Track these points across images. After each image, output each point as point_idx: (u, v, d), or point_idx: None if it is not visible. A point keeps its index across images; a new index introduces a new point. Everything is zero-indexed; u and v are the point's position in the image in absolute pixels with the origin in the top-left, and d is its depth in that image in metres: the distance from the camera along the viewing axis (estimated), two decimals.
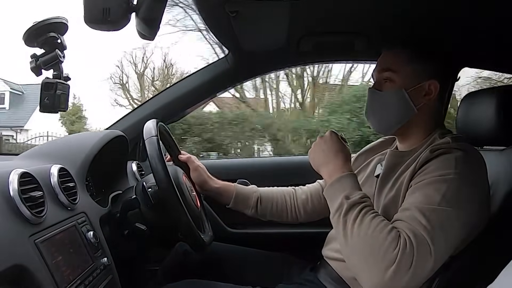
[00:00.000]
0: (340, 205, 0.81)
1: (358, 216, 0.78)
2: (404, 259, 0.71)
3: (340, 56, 1.48)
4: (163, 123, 1.05)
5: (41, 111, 0.89)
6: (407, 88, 0.91)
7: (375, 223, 0.77)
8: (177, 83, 1.48)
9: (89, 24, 0.68)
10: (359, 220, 0.78)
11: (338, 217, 0.81)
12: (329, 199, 0.86)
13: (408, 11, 1.02)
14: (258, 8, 0.99)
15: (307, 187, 1.19)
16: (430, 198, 0.77)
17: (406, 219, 0.76)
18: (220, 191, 1.14)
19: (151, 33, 0.73)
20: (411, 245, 0.72)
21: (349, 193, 0.83)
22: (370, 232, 0.76)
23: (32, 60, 0.85)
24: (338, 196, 0.83)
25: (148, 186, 0.96)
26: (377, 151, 1.07)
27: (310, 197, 1.15)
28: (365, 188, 1.01)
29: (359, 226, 0.77)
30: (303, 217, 1.17)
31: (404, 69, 0.92)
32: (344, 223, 0.79)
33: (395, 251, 0.72)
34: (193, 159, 1.16)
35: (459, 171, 0.78)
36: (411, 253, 0.72)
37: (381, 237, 0.74)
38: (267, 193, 1.17)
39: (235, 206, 1.14)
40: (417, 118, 0.93)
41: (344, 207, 0.80)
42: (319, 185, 1.17)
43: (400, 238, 0.73)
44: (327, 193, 0.87)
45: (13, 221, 0.61)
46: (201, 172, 1.14)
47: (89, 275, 0.73)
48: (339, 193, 0.83)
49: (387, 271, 0.71)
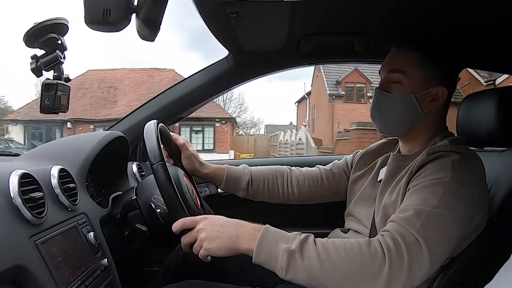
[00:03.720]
0: (288, 256, 0.71)
1: (319, 251, 0.72)
2: (394, 260, 0.71)
3: (340, 57, 1.48)
4: (163, 124, 1.05)
5: (41, 112, 0.89)
6: (415, 92, 0.90)
7: (340, 245, 0.73)
8: (177, 84, 1.48)
9: (89, 25, 0.68)
10: (322, 252, 0.71)
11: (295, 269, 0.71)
12: (267, 261, 0.73)
13: (408, 11, 1.02)
14: (258, 8, 0.99)
15: (306, 169, 1.18)
16: (427, 201, 0.77)
17: (399, 220, 0.76)
18: (212, 175, 1.13)
19: (151, 34, 0.73)
20: (399, 246, 0.72)
21: (286, 241, 0.74)
22: (344, 254, 0.71)
23: (32, 61, 0.85)
24: (276, 251, 0.72)
25: (156, 205, 0.94)
26: (380, 153, 1.07)
27: (306, 178, 1.15)
28: (368, 191, 1.01)
29: (328, 257, 0.71)
30: (296, 197, 1.15)
31: (413, 71, 0.91)
32: (309, 268, 0.71)
33: (378, 255, 0.71)
34: (186, 145, 1.13)
35: (455, 174, 0.78)
36: (399, 253, 0.71)
37: (356, 250, 0.71)
38: (258, 172, 1.16)
39: (227, 188, 1.14)
40: (423, 122, 0.93)
41: (295, 254, 0.71)
42: (319, 170, 1.18)
43: (378, 243, 0.73)
44: (260, 258, 0.73)
45: (14, 222, 0.61)
46: (193, 159, 1.12)
47: (89, 276, 0.73)
48: (275, 248, 0.73)
49: (380, 276, 0.70)
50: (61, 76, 0.88)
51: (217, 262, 1.14)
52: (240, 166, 1.17)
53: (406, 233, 0.73)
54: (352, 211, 1.04)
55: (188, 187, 1.02)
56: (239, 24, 1.07)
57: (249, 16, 1.03)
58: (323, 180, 1.15)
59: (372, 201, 0.97)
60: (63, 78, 0.88)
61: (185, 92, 1.44)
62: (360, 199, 1.03)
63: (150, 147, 0.90)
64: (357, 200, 1.04)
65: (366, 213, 0.98)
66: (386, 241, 0.73)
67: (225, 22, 1.04)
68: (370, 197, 0.99)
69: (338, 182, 1.15)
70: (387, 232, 0.76)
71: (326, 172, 1.17)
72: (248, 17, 1.03)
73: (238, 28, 1.11)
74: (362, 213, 0.99)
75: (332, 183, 1.15)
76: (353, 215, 1.03)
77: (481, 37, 1.12)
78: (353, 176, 1.10)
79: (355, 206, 1.03)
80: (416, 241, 0.73)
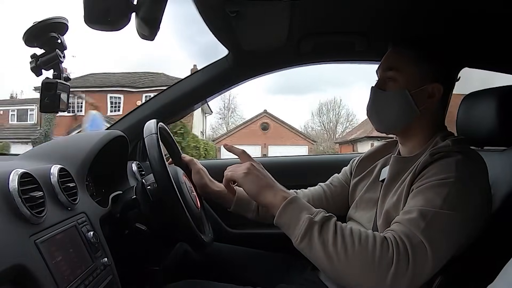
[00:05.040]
0: (308, 226, 0.75)
1: (336, 232, 0.74)
2: (400, 261, 0.71)
3: (340, 56, 1.48)
4: (163, 123, 1.05)
5: (41, 111, 0.89)
6: (410, 89, 0.91)
7: (357, 234, 0.75)
8: (177, 83, 1.48)
9: (89, 24, 0.68)
10: (339, 235, 0.74)
11: (310, 240, 0.74)
12: (287, 223, 0.78)
13: (408, 11, 1.02)
14: (258, 8, 0.99)
15: (309, 190, 1.18)
16: (431, 201, 0.77)
17: (404, 222, 0.76)
18: (222, 195, 1.12)
19: (151, 33, 0.73)
20: (404, 247, 0.72)
21: (310, 212, 0.78)
22: (357, 244, 0.73)
23: (32, 60, 0.85)
24: (299, 217, 0.77)
25: (148, 184, 0.96)
26: (381, 156, 1.07)
27: (311, 200, 1.14)
28: (370, 193, 1.01)
29: (343, 241, 0.73)
30: None
31: (408, 69, 0.92)
32: (323, 243, 0.73)
33: (389, 254, 0.72)
34: (195, 161, 1.15)
35: (459, 175, 0.78)
36: (405, 254, 0.72)
37: (370, 245, 0.73)
38: None
39: (236, 210, 1.13)
40: (420, 120, 0.93)
41: (315, 226, 0.75)
42: (321, 188, 1.17)
43: (390, 241, 0.73)
44: (281, 218, 0.79)
45: (13, 221, 0.61)
46: (203, 175, 1.13)
47: (89, 275, 0.73)
48: (299, 214, 0.77)
49: (387, 276, 0.71)
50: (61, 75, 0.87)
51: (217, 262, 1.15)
52: None
53: (411, 235, 0.74)
54: (353, 215, 1.04)
55: (187, 186, 1.02)
56: (239, 24, 1.07)
57: (249, 16, 1.03)
58: (327, 198, 1.15)
59: (373, 204, 0.97)
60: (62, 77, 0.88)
61: (185, 91, 1.44)
62: (361, 202, 1.02)
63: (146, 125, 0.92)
64: (358, 203, 1.03)
65: (367, 217, 0.97)
66: (397, 243, 0.73)
67: (225, 21, 1.04)
68: (371, 200, 0.99)
69: (342, 197, 1.13)
70: (393, 232, 0.76)
71: (329, 189, 1.16)
72: (248, 16, 1.03)
73: (238, 28, 1.11)
74: (363, 216, 0.99)
75: (336, 199, 1.14)
76: (353, 219, 1.03)
77: (481, 37, 1.12)
78: (353, 182, 1.10)
79: (356, 209, 1.03)
80: (421, 242, 0.73)
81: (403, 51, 0.94)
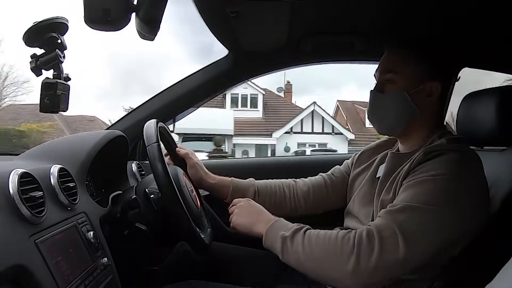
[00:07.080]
0: (282, 242, 0.84)
1: (304, 239, 0.82)
2: (362, 249, 0.75)
3: (340, 56, 1.48)
4: (163, 123, 1.05)
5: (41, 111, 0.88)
6: (409, 90, 0.91)
7: (322, 235, 0.82)
8: (177, 83, 1.48)
9: (89, 24, 0.68)
10: (306, 240, 0.82)
11: (287, 253, 0.83)
12: (270, 246, 0.87)
13: (408, 11, 1.02)
14: (258, 8, 0.99)
15: (309, 179, 1.19)
16: (416, 196, 0.78)
17: (385, 214, 0.79)
18: (217, 186, 1.14)
19: (151, 33, 0.73)
20: (372, 239, 0.75)
21: (285, 229, 0.86)
22: (321, 243, 0.80)
23: (32, 60, 0.85)
24: (276, 237, 0.86)
25: (151, 192, 0.95)
26: (381, 151, 1.08)
27: (312, 188, 1.15)
28: (366, 189, 1.01)
29: (310, 245, 0.81)
30: (303, 209, 1.16)
31: (405, 70, 0.92)
32: (296, 253, 0.82)
33: (349, 243, 0.77)
34: (190, 155, 1.15)
35: (451, 172, 0.79)
36: (369, 242, 0.75)
37: (332, 239, 0.79)
38: (264, 185, 1.16)
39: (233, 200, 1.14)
40: (419, 119, 0.93)
41: (287, 240, 0.83)
42: (322, 178, 1.18)
43: (354, 233, 0.78)
44: (267, 243, 0.88)
45: (13, 221, 0.61)
46: (198, 168, 1.13)
47: (89, 275, 0.73)
48: (276, 235, 0.86)
49: (348, 262, 0.75)
50: (61, 75, 0.87)
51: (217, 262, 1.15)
52: (246, 180, 1.18)
53: (386, 227, 0.76)
54: (351, 210, 1.04)
55: (187, 186, 1.02)
56: (239, 24, 1.07)
57: (249, 16, 1.03)
58: (327, 188, 1.15)
59: (371, 199, 0.97)
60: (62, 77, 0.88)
61: (185, 91, 1.44)
62: (359, 197, 1.03)
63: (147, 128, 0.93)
64: (356, 198, 1.04)
65: (364, 212, 0.98)
66: (362, 233, 0.77)
67: (225, 22, 1.04)
68: (368, 195, 0.99)
69: (343, 188, 1.14)
70: (368, 225, 0.79)
71: (330, 179, 1.16)
72: (248, 17, 1.03)
73: (238, 28, 1.11)
74: (360, 211, 0.99)
75: (337, 190, 1.15)
76: (352, 214, 1.03)
77: (481, 37, 1.12)
78: (353, 174, 1.11)
79: (354, 204, 1.04)
80: (394, 234, 0.75)
81: (398, 52, 0.95)
